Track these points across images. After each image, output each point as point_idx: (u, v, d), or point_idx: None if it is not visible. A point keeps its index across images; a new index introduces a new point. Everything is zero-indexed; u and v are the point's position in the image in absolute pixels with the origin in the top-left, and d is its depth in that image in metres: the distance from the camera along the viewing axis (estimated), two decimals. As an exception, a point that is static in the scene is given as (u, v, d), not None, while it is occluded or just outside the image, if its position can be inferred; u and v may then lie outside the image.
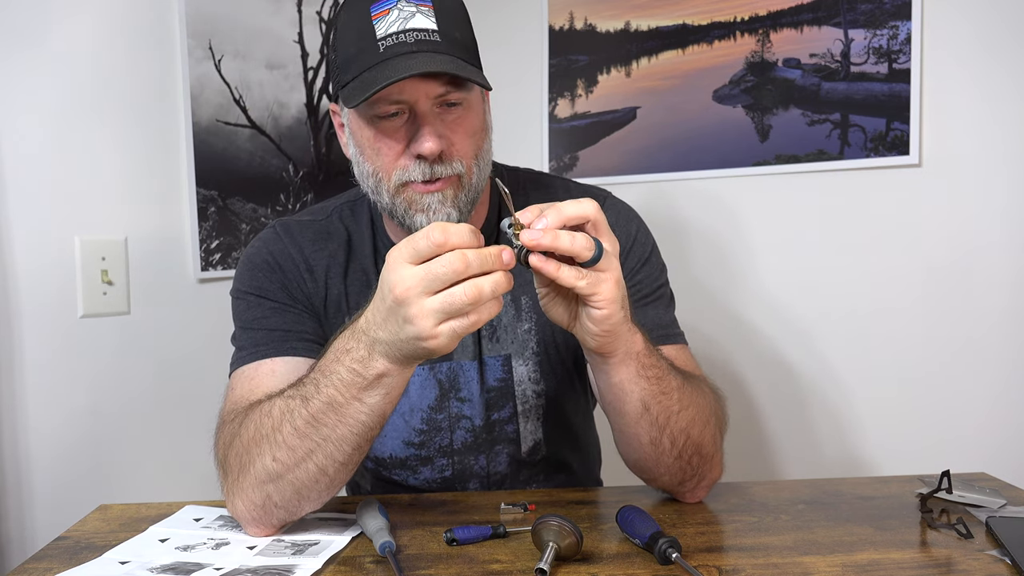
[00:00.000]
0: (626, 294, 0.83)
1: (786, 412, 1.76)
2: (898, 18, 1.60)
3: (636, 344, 0.87)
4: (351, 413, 0.83)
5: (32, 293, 1.27)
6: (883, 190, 1.65)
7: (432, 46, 0.93)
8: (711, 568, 0.80)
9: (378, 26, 0.94)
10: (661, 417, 0.91)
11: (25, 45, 1.26)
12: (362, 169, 1.02)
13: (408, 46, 0.93)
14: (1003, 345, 1.58)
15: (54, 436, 1.30)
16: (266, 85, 1.68)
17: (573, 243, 0.76)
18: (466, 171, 0.98)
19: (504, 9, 1.95)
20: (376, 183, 1.00)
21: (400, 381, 0.83)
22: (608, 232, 0.81)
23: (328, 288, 1.08)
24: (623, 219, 1.12)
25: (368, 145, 0.99)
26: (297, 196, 1.74)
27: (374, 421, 0.84)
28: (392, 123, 0.97)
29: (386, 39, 0.93)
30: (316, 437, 0.84)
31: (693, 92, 1.78)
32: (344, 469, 0.87)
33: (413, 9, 0.94)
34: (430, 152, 0.94)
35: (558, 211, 0.77)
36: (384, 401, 0.83)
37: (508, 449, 1.11)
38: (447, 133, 0.97)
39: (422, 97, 0.94)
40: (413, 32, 0.93)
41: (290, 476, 0.86)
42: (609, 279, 0.79)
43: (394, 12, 0.94)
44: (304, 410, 0.84)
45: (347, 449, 0.85)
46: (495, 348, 1.10)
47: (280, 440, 0.85)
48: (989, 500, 0.97)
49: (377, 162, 0.99)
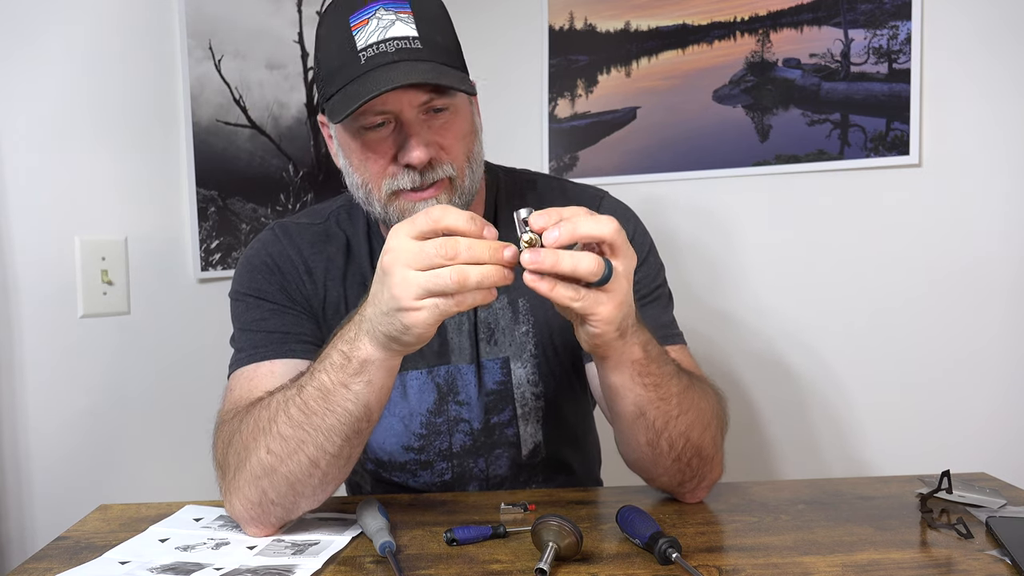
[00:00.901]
0: (630, 310, 0.81)
1: (786, 413, 1.76)
2: (898, 18, 1.60)
3: (632, 353, 0.85)
4: (338, 400, 0.83)
5: (32, 293, 1.27)
6: (883, 190, 1.65)
7: (413, 54, 0.92)
8: (711, 568, 0.80)
9: (358, 36, 0.93)
10: (659, 422, 0.90)
11: (25, 45, 1.26)
12: (352, 180, 1.02)
13: (389, 56, 0.92)
14: (1003, 345, 1.58)
15: (54, 436, 1.30)
16: (266, 85, 1.68)
17: (576, 267, 0.74)
18: (458, 174, 0.98)
19: (504, 9, 1.95)
20: (367, 194, 1.00)
21: (383, 372, 0.82)
22: (626, 250, 0.78)
23: (327, 290, 1.08)
24: (620, 219, 1.10)
25: (356, 157, 0.99)
26: (297, 196, 1.74)
27: (360, 412, 0.84)
28: (379, 133, 0.96)
29: (367, 49, 0.93)
30: (307, 427, 0.84)
31: (693, 92, 1.78)
32: (336, 463, 0.87)
33: (392, 17, 0.93)
34: (419, 161, 0.94)
35: (573, 227, 0.74)
36: (367, 391, 0.83)
37: (508, 452, 1.11)
38: (436, 139, 0.96)
39: (406, 106, 0.94)
40: (393, 41, 0.92)
41: (283, 469, 0.86)
42: (609, 301, 0.77)
43: (373, 21, 0.93)
44: (298, 397, 0.85)
45: (337, 441, 0.85)
46: (493, 351, 1.10)
47: (275, 431, 0.86)
48: (989, 500, 0.97)
49: (366, 173, 0.99)
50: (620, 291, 0.77)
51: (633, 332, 0.85)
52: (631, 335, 0.84)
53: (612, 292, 0.77)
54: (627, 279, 0.78)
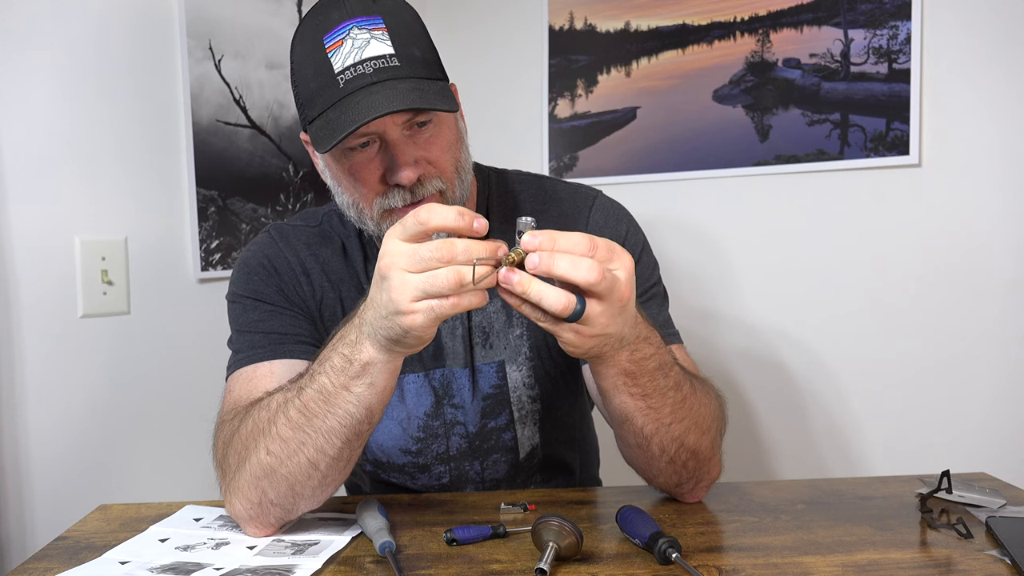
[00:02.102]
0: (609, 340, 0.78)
1: (785, 413, 1.76)
2: (898, 18, 1.60)
3: (619, 363, 0.84)
4: (339, 403, 0.83)
5: (32, 293, 1.27)
6: (883, 190, 1.65)
7: (392, 72, 0.91)
8: (711, 568, 0.80)
9: (334, 59, 0.92)
10: (648, 428, 0.90)
11: (25, 45, 1.26)
12: (342, 199, 1.02)
13: (368, 77, 0.90)
14: (1003, 345, 1.58)
15: (54, 436, 1.30)
16: (266, 85, 1.68)
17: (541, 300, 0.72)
18: (447, 186, 0.98)
19: (504, 9, 1.95)
20: (359, 212, 1.00)
21: (385, 374, 0.82)
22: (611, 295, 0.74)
23: (323, 292, 1.08)
24: (612, 219, 1.12)
25: (344, 178, 0.98)
26: (297, 196, 1.74)
27: (361, 414, 0.83)
28: (365, 154, 0.96)
29: (344, 72, 0.91)
30: (308, 428, 0.84)
31: (693, 92, 1.78)
32: (336, 465, 0.87)
33: (367, 36, 0.92)
34: (408, 181, 0.94)
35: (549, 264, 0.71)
36: (369, 393, 0.82)
37: (506, 457, 1.11)
38: (422, 154, 0.95)
39: (390, 126, 0.93)
40: (371, 61, 0.91)
41: (283, 470, 0.86)
42: (577, 335, 0.75)
43: (348, 42, 0.92)
44: (298, 399, 0.85)
45: (336, 443, 0.85)
46: (488, 355, 1.10)
47: (274, 432, 0.86)
48: (989, 500, 0.97)
49: (356, 194, 0.98)
50: (594, 328, 0.75)
51: (621, 348, 0.82)
52: (617, 352, 0.82)
53: (583, 328, 0.75)
54: (608, 318, 0.75)
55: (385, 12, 0.94)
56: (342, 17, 0.93)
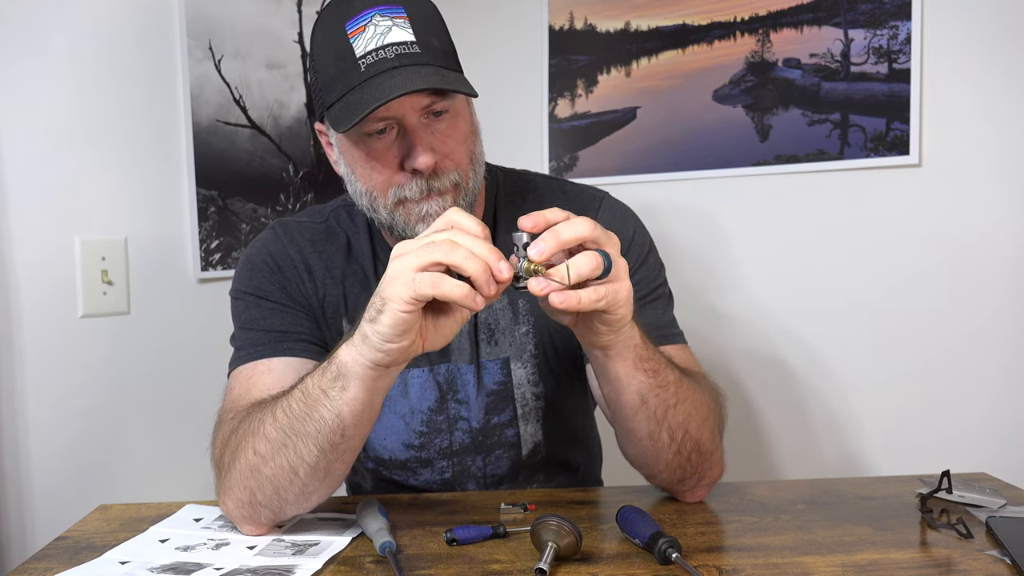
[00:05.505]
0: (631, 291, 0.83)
1: (785, 413, 1.76)
2: (898, 18, 1.60)
3: (634, 337, 0.87)
4: (316, 407, 0.83)
5: (32, 293, 1.27)
6: (883, 190, 1.65)
7: (413, 58, 0.92)
8: (711, 568, 0.80)
9: (356, 44, 0.93)
10: (659, 410, 0.91)
11: (25, 45, 1.26)
12: (355, 187, 1.02)
13: (389, 62, 0.92)
14: (1002, 345, 1.58)
15: (54, 436, 1.30)
16: (266, 85, 1.68)
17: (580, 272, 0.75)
18: (462, 179, 0.99)
19: (504, 9, 1.95)
20: (371, 201, 1.00)
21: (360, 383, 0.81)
22: (609, 237, 0.80)
23: (327, 289, 1.08)
24: (620, 220, 1.12)
25: (360, 164, 0.99)
26: (297, 196, 1.74)
27: (333, 421, 0.83)
28: (382, 140, 0.96)
29: (366, 56, 0.92)
30: (288, 430, 0.85)
31: (693, 92, 1.78)
32: (315, 475, 0.87)
33: (389, 23, 0.93)
34: (425, 166, 0.94)
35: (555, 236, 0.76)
36: (341, 399, 0.82)
37: (508, 453, 1.11)
38: (438, 144, 0.96)
39: (409, 111, 0.94)
40: (392, 47, 0.92)
41: (267, 470, 0.86)
42: (622, 288, 0.79)
43: (370, 28, 0.93)
44: (285, 400, 0.86)
45: (313, 450, 0.84)
46: (493, 351, 1.10)
47: (262, 432, 0.86)
48: (989, 500, 0.97)
49: (371, 181, 0.99)
50: (622, 275, 0.79)
51: (633, 326, 0.86)
52: (632, 329, 0.86)
53: (619, 279, 0.79)
54: (623, 260, 0.80)
55: (407, 2, 0.95)
56: (364, 5, 0.94)
